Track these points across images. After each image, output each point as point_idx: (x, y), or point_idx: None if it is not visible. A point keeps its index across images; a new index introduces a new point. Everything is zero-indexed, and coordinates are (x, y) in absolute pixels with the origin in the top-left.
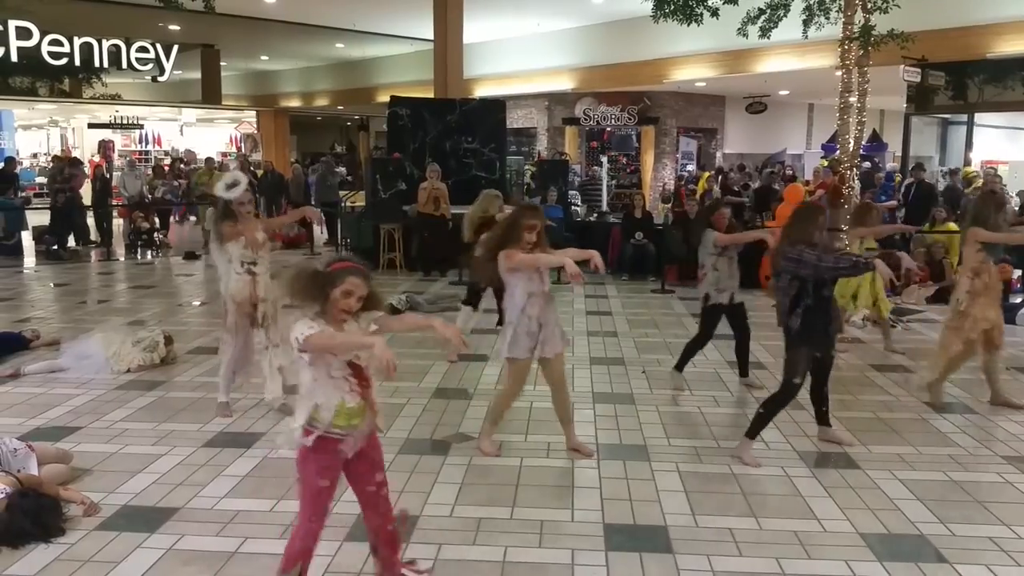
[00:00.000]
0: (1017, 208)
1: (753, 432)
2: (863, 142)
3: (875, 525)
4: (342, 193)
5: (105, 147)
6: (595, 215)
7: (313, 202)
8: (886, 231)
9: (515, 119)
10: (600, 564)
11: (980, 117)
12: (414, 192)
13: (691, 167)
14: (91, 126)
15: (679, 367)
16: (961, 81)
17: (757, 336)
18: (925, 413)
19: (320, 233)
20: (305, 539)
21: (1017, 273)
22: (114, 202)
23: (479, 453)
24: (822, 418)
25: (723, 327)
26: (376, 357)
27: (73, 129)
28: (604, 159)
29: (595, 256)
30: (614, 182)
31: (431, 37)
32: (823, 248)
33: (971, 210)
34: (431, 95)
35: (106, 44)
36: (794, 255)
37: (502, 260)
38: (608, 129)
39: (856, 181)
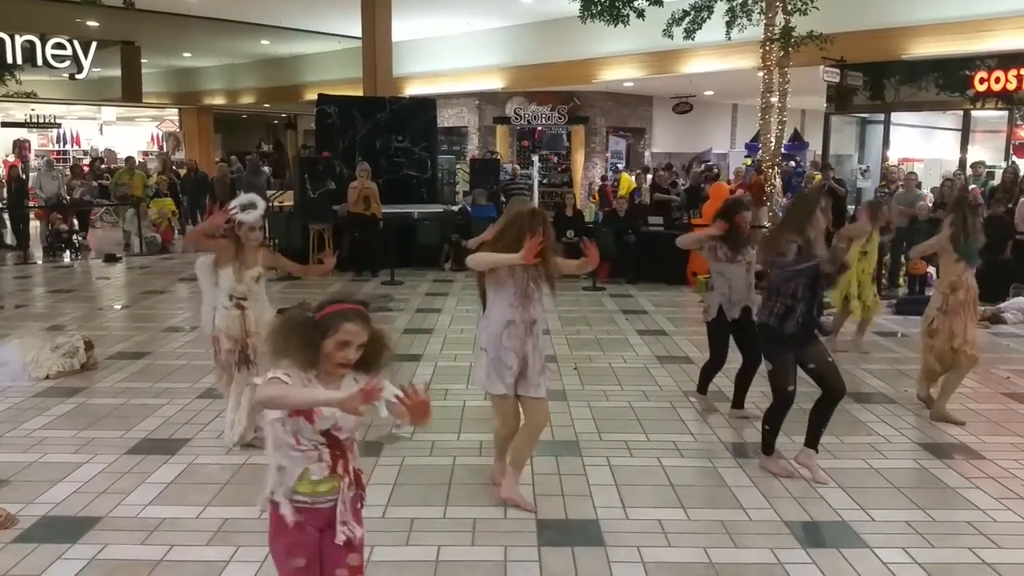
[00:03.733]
0: (931, 204)
1: (767, 447)
2: (784, 141)
3: (799, 513)
4: (269, 193)
5: (21, 147)
6: None
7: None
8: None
9: (446, 118)
10: (533, 560)
11: (896, 116)
12: (344, 191)
13: (620, 166)
14: (5, 125)
15: (701, 390)
16: (878, 81)
17: (684, 331)
18: (847, 403)
19: None
20: None
21: (932, 268)
22: (31, 203)
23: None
24: (811, 439)
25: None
26: (346, 409)
27: None
28: (535, 158)
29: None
30: (545, 180)
31: (359, 34)
32: (809, 243)
33: (945, 217)
34: (360, 93)
35: (20, 40)
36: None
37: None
38: (539, 128)
39: (777, 179)
